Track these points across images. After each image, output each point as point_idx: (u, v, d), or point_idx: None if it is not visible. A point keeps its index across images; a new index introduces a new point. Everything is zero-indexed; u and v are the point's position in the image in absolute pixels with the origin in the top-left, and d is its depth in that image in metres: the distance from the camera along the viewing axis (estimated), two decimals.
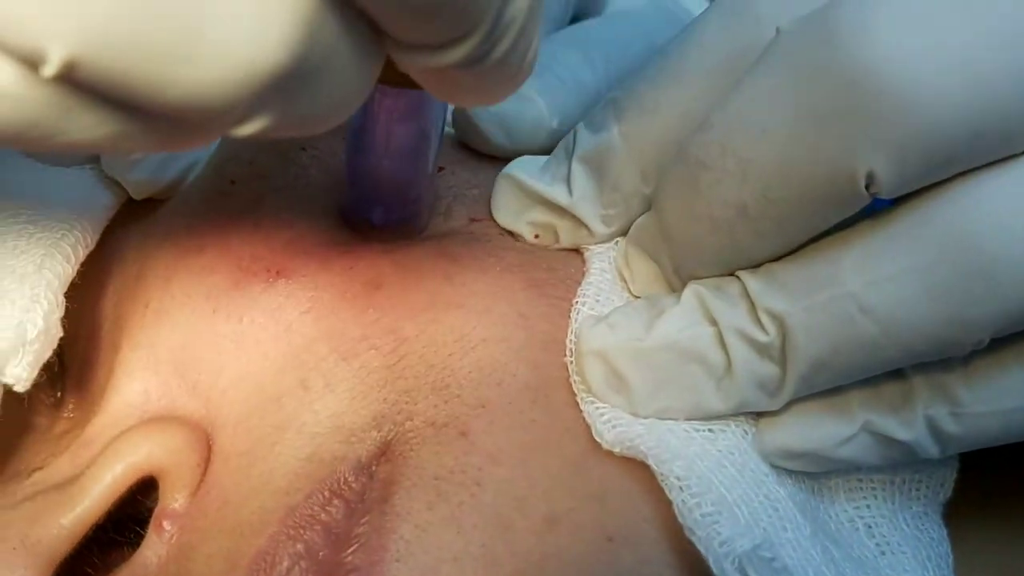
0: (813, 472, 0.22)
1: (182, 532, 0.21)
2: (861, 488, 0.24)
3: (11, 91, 0.11)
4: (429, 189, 0.25)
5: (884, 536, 0.23)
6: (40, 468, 0.23)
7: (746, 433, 0.22)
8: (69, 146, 0.13)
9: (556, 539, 0.20)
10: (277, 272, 0.23)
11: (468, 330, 0.22)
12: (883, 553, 0.23)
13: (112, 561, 0.22)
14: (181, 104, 0.12)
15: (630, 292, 0.24)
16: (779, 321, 0.20)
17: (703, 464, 0.20)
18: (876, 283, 0.18)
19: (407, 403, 0.21)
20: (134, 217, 0.27)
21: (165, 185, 0.27)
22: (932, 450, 0.21)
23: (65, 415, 0.26)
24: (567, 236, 0.25)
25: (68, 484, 0.21)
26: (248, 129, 0.13)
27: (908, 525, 0.23)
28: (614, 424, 0.21)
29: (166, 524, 0.21)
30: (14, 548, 0.20)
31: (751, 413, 0.22)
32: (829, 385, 0.21)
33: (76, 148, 0.13)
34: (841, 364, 0.20)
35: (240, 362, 0.22)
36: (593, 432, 0.21)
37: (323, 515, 0.20)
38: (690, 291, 0.22)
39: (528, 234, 0.26)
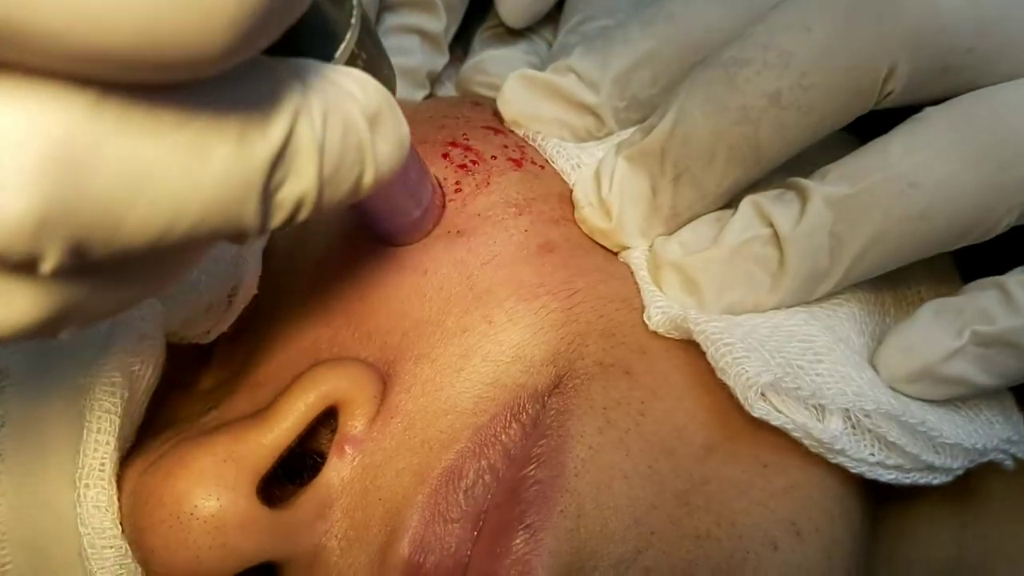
0: None
1: (365, 454, 0.23)
2: None
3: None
4: (425, 186, 0.25)
5: None
6: (215, 407, 0.25)
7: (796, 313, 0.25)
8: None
9: (715, 464, 0.23)
10: (457, 232, 0.26)
11: (630, 295, 0.26)
12: None
13: (292, 491, 0.24)
14: None
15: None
16: (837, 206, 0.23)
17: (739, 329, 0.24)
18: (922, 163, 0.22)
19: (580, 344, 0.24)
20: None
21: None
22: None
23: (214, 371, 0.28)
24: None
25: (263, 411, 0.23)
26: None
27: None
28: (664, 311, 0.25)
29: (348, 448, 0.23)
30: (224, 461, 0.22)
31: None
32: (879, 267, 0.23)
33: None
34: (893, 239, 0.23)
35: (422, 308, 0.25)
36: (645, 316, 0.25)
37: (503, 436, 0.23)
38: (747, 201, 0.25)
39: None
